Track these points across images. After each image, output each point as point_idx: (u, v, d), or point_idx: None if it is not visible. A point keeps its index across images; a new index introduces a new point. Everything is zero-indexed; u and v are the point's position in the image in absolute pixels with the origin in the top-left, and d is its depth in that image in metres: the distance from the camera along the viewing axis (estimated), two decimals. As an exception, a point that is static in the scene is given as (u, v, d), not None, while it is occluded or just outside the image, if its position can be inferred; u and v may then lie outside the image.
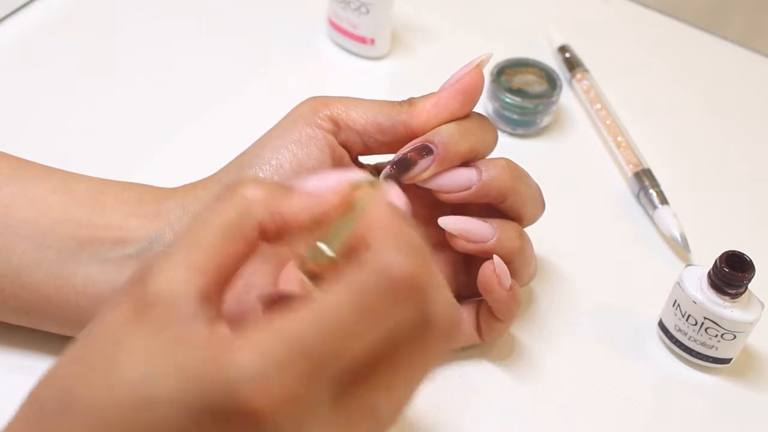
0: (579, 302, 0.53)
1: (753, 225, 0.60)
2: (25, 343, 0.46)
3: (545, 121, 0.63)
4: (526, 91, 0.62)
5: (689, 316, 0.48)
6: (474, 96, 0.45)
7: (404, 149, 0.45)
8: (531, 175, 0.48)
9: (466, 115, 0.46)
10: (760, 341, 0.51)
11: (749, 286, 0.48)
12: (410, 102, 0.46)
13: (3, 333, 0.46)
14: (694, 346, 0.49)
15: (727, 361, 0.50)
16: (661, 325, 0.51)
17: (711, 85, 0.70)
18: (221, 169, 0.47)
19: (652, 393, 0.50)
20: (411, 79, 0.66)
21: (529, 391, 0.49)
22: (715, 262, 0.47)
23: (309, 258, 0.34)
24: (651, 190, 0.58)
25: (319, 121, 0.45)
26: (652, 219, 0.58)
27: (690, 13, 0.79)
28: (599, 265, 0.55)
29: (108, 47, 0.66)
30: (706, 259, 0.50)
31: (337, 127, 0.46)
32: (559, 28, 0.70)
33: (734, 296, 0.47)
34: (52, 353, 0.40)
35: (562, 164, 0.62)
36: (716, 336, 0.48)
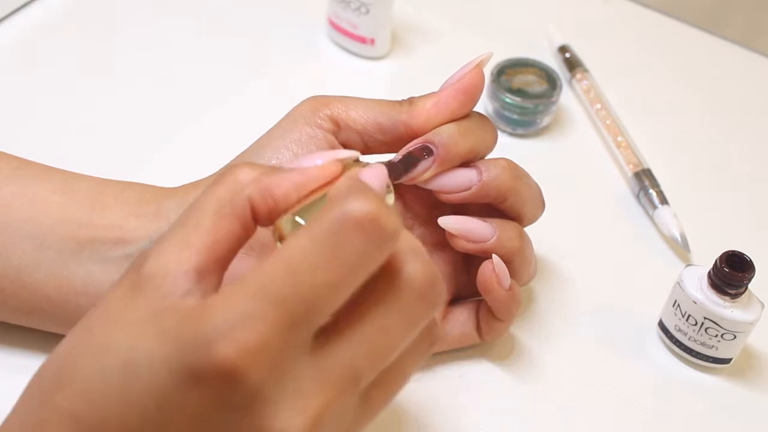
0: (579, 302, 0.53)
1: (753, 225, 0.60)
2: (25, 343, 0.46)
3: (545, 121, 0.63)
4: (526, 91, 0.62)
5: (689, 316, 0.48)
6: (474, 96, 0.45)
7: (404, 150, 0.45)
8: (531, 175, 0.48)
9: (466, 114, 0.46)
10: (760, 341, 0.51)
11: (749, 286, 0.48)
12: (410, 101, 0.46)
13: (3, 333, 0.46)
14: (694, 346, 0.49)
15: (727, 361, 0.50)
16: (661, 325, 0.51)
17: (711, 85, 0.70)
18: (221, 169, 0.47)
19: (652, 393, 0.50)
20: (411, 79, 0.66)
21: (529, 391, 0.49)
22: (715, 262, 0.47)
23: (284, 230, 0.34)
24: (651, 190, 0.58)
25: (320, 121, 0.45)
26: (652, 219, 0.58)
27: (690, 13, 0.79)
28: (599, 265, 0.55)
29: (108, 47, 0.66)
30: (706, 259, 0.50)
31: (337, 127, 0.46)
32: (559, 28, 0.70)
33: (734, 296, 0.47)
34: (52, 353, 0.40)
35: (562, 164, 0.62)
36: (716, 336, 0.48)
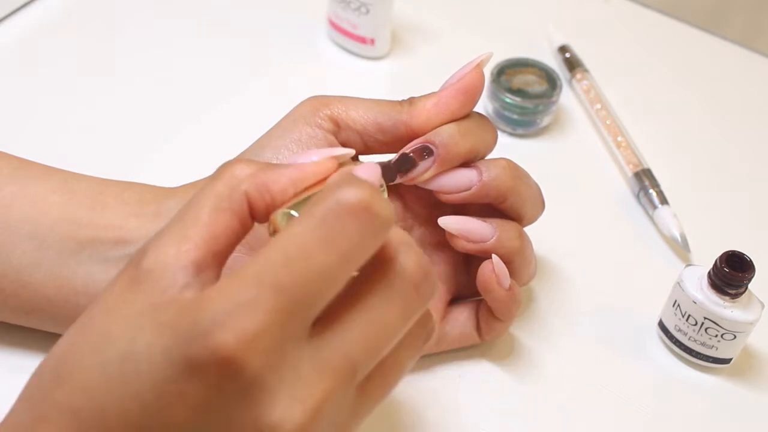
0: (579, 302, 0.53)
1: (753, 225, 0.60)
2: (25, 343, 0.46)
3: (545, 121, 0.63)
4: (526, 91, 0.62)
5: (689, 316, 0.48)
6: (474, 96, 0.45)
7: (405, 150, 0.45)
8: (531, 175, 0.48)
9: (466, 114, 0.46)
10: (760, 341, 0.51)
11: (749, 286, 0.48)
12: (410, 101, 0.46)
13: (3, 333, 0.46)
14: (694, 346, 0.49)
15: (727, 361, 0.50)
16: (661, 325, 0.51)
17: (711, 85, 0.70)
18: (221, 169, 0.47)
19: (652, 393, 0.50)
20: (411, 79, 0.66)
21: (529, 391, 0.49)
22: (715, 262, 0.47)
23: (279, 224, 0.35)
24: (651, 190, 0.58)
25: (320, 121, 0.45)
26: (652, 219, 0.58)
27: (690, 13, 0.79)
28: (599, 265, 0.55)
29: (108, 47, 0.66)
30: (706, 259, 0.50)
31: (337, 127, 0.46)
32: (559, 28, 0.70)
33: (734, 296, 0.47)
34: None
35: (562, 164, 0.62)
36: (716, 336, 0.48)
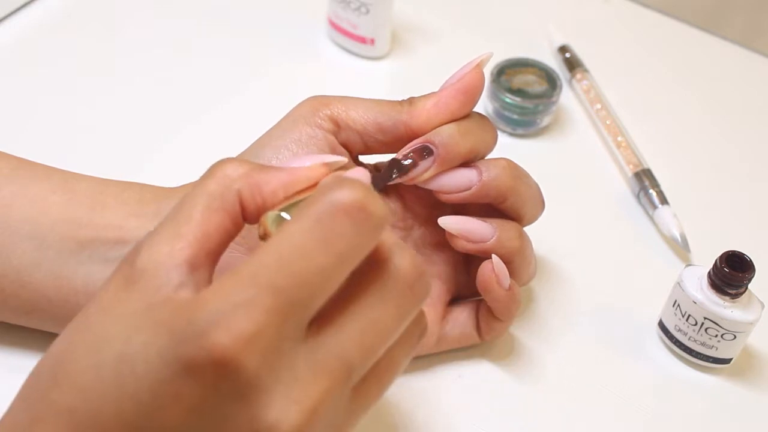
0: (579, 302, 0.53)
1: (753, 225, 0.60)
2: (25, 343, 0.46)
3: (545, 121, 0.63)
4: (526, 91, 0.62)
5: (689, 316, 0.48)
6: (474, 96, 0.45)
7: (405, 150, 0.45)
8: (531, 175, 0.48)
9: (466, 114, 0.46)
10: (760, 341, 0.51)
11: (749, 286, 0.48)
12: (410, 101, 0.46)
13: (3, 333, 0.46)
14: (694, 346, 0.49)
15: (727, 361, 0.50)
16: (661, 325, 0.51)
17: (711, 85, 0.70)
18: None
19: (652, 393, 0.49)
20: (411, 79, 0.66)
21: (529, 391, 0.49)
22: (715, 262, 0.47)
23: (269, 226, 0.35)
24: (651, 190, 0.58)
25: (320, 121, 0.45)
26: (652, 219, 0.58)
27: (690, 13, 0.79)
28: (599, 265, 0.55)
29: (108, 47, 0.66)
30: (706, 259, 0.50)
31: (338, 127, 0.46)
32: (559, 28, 0.70)
33: (734, 296, 0.47)
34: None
35: (562, 164, 0.62)
36: (716, 336, 0.48)
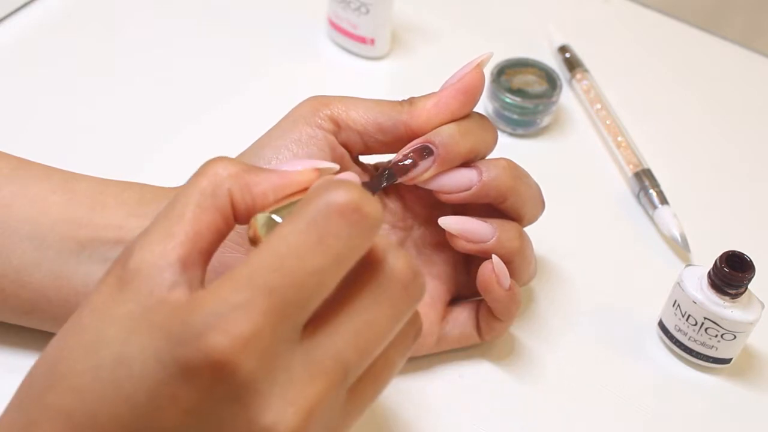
0: (579, 302, 0.53)
1: (753, 225, 0.60)
2: (25, 343, 0.46)
3: (545, 121, 0.63)
4: (526, 91, 0.62)
5: (689, 316, 0.48)
6: (474, 96, 0.45)
7: (405, 150, 0.45)
8: (531, 175, 0.48)
9: (466, 114, 0.46)
10: (760, 341, 0.51)
11: (749, 286, 0.48)
12: (411, 102, 0.46)
13: (3, 333, 0.46)
14: (694, 346, 0.49)
15: (727, 361, 0.50)
16: (661, 325, 0.51)
17: (711, 85, 0.70)
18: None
19: (652, 393, 0.49)
20: (411, 79, 0.66)
21: (529, 391, 0.49)
22: (715, 262, 0.47)
23: (259, 227, 0.35)
24: (651, 190, 0.58)
25: (320, 121, 0.45)
26: (652, 219, 0.58)
27: (690, 13, 0.79)
28: (599, 265, 0.55)
29: (108, 47, 0.66)
30: (706, 259, 0.50)
31: (338, 127, 0.46)
32: (559, 28, 0.70)
33: (734, 296, 0.47)
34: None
35: (562, 164, 0.62)
36: (716, 336, 0.48)
